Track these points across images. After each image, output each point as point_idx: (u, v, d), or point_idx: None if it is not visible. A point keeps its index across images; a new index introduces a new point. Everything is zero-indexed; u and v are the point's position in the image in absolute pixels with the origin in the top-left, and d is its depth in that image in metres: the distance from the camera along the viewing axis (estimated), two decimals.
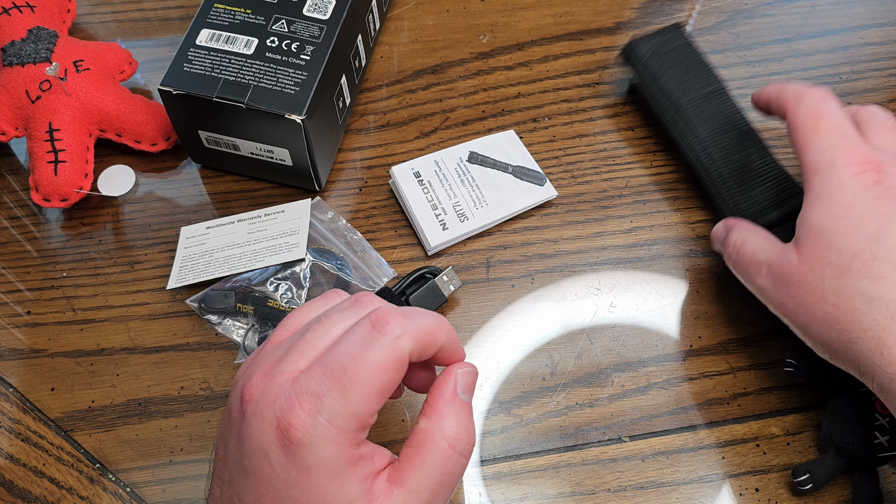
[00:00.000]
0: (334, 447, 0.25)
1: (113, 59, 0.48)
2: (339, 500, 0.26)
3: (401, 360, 0.27)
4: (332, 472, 0.26)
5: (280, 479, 0.26)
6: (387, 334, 0.27)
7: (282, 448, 0.26)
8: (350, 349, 0.26)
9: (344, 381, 0.26)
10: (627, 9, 0.55)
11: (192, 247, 0.44)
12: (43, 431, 0.40)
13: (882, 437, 0.36)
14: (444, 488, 0.28)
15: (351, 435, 0.26)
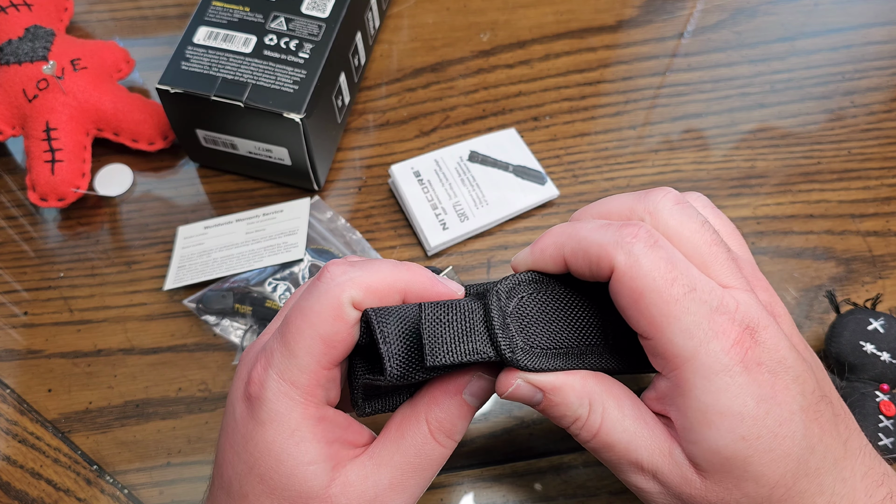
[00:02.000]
0: (287, 401, 0.25)
1: (110, 58, 0.48)
2: (295, 459, 0.25)
3: (336, 305, 0.25)
4: (287, 427, 0.25)
5: (240, 433, 0.26)
6: (324, 282, 0.26)
7: (244, 402, 0.26)
8: (295, 303, 0.27)
9: (287, 335, 0.26)
10: (629, 7, 0.54)
11: (190, 247, 0.44)
12: (40, 433, 0.39)
13: (886, 439, 0.36)
14: (416, 472, 0.26)
15: (305, 390, 0.25)
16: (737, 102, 0.50)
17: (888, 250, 0.45)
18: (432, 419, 0.27)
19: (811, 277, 0.44)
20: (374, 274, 0.26)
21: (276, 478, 0.25)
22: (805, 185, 0.47)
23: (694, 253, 0.26)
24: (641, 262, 0.24)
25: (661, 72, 0.51)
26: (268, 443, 0.25)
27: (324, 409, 0.26)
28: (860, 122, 0.49)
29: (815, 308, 0.43)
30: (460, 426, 0.27)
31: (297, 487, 0.25)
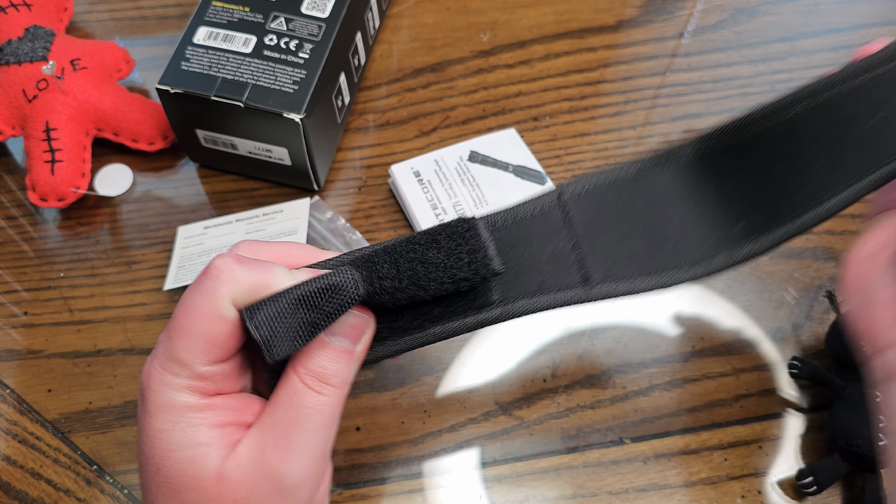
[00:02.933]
0: (168, 391, 0.25)
1: (110, 58, 0.48)
2: (183, 444, 0.25)
3: (220, 306, 0.25)
4: (172, 416, 0.25)
5: (140, 426, 0.26)
6: (208, 278, 0.26)
7: (140, 397, 0.27)
8: (182, 298, 0.27)
9: (171, 330, 0.26)
10: (629, 7, 0.54)
11: (190, 247, 0.44)
12: (40, 433, 0.39)
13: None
14: (297, 425, 0.25)
15: (186, 381, 0.25)
16: (737, 102, 0.50)
17: None
18: (300, 368, 0.26)
19: (811, 277, 0.44)
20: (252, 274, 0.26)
21: (166, 465, 0.25)
22: None
23: None
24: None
25: (661, 72, 0.51)
26: (157, 432, 0.25)
27: (214, 398, 0.26)
28: None
29: (815, 308, 0.43)
30: (332, 369, 0.26)
31: (190, 472, 0.25)
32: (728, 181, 0.30)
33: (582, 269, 0.30)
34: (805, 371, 0.39)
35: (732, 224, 0.30)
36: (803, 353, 0.41)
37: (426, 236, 0.27)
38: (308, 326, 0.26)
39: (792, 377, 0.39)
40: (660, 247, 0.30)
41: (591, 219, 0.30)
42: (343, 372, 0.27)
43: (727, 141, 0.30)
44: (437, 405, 0.40)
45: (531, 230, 0.30)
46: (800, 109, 0.29)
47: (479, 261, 0.27)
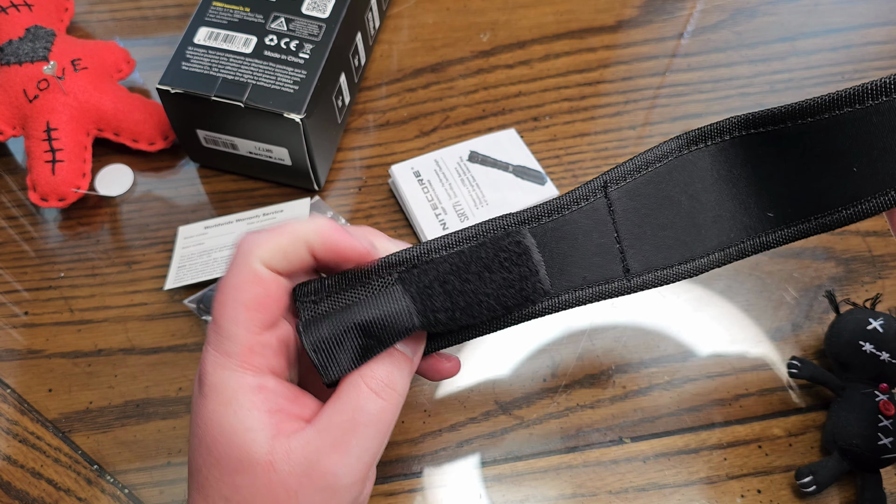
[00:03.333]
0: (222, 371, 0.26)
1: (111, 58, 0.48)
2: (233, 426, 0.26)
3: (250, 271, 0.26)
4: (224, 397, 0.26)
5: (193, 411, 0.27)
6: (235, 255, 0.27)
7: (197, 383, 0.28)
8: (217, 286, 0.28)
9: (214, 312, 0.27)
10: (629, 7, 0.54)
11: (190, 247, 0.44)
12: (40, 433, 0.39)
13: (886, 439, 0.36)
14: (356, 429, 0.26)
15: (238, 359, 0.26)
16: (736, 102, 0.50)
17: (888, 250, 0.45)
18: (367, 374, 0.27)
19: (811, 277, 0.44)
20: (275, 234, 0.27)
21: (218, 447, 0.26)
22: None
23: None
24: None
25: (660, 72, 0.51)
26: (209, 413, 0.26)
27: (263, 377, 0.27)
28: None
29: (814, 308, 0.43)
30: (397, 375, 0.27)
31: (238, 455, 0.26)
32: (763, 168, 0.30)
33: (623, 260, 0.30)
34: (804, 371, 0.39)
35: (763, 212, 0.30)
36: (803, 352, 0.41)
37: (478, 263, 0.28)
38: (363, 351, 0.27)
39: (791, 377, 0.39)
40: (695, 233, 0.30)
41: (633, 209, 0.30)
42: (406, 379, 0.28)
43: (770, 128, 0.30)
44: (437, 405, 0.40)
45: (576, 223, 0.30)
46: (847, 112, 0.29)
47: (530, 287, 0.27)
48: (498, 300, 0.27)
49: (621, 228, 0.30)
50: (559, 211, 0.29)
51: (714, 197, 0.30)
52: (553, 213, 0.29)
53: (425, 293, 0.27)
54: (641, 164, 0.30)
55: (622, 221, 0.30)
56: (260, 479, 0.26)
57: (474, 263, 0.28)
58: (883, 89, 0.27)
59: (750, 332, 0.42)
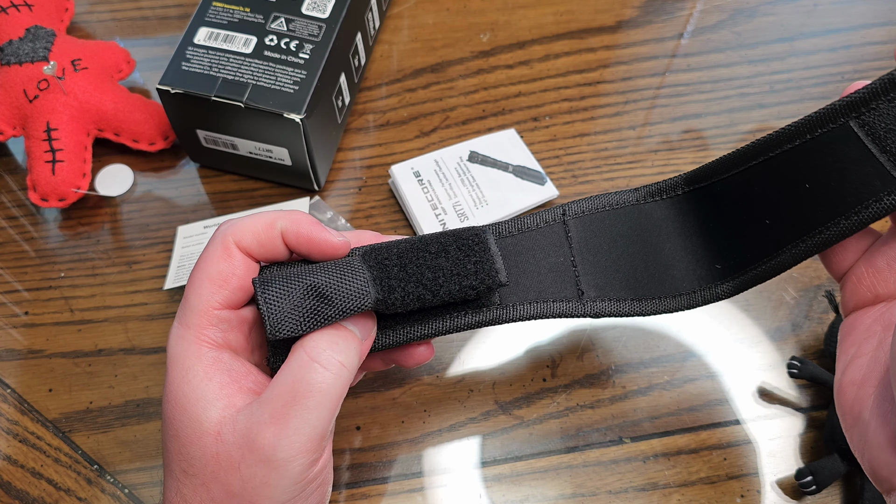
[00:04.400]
0: (182, 343, 0.27)
1: (111, 58, 0.48)
2: (187, 396, 0.26)
3: (220, 247, 0.28)
4: (182, 368, 0.27)
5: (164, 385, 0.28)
6: (214, 234, 0.29)
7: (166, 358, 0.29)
8: None
9: (186, 288, 0.28)
10: (629, 7, 0.54)
11: (190, 246, 0.44)
12: (41, 432, 0.40)
13: None
14: (297, 400, 0.25)
15: (197, 330, 0.27)
16: (736, 103, 0.50)
17: None
18: (309, 344, 0.27)
19: (810, 277, 0.44)
20: (252, 218, 0.29)
21: (175, 420, 0.27)
22: None
23: None
24: None
25: (660, 72, 0.51)
26: (169, 385, 0.27)
27: (219, 351, 0.27)
28: None
29: (814, 308, 0.43)
30: (342, 347, 0.27)
31: (191, 426, 0.26)
32: (710, 220, 0.32)
33: (578, 284, 0.31)
34: (804, 371, 0.39)
35: (712, 263, 0.32)
36: (802, 352, 0.42)
37: (436, 244, 0.29)
38: (315, 315, 0.26)
39: (791, 377, 0.39)
40: (649, 276, 0.32)
41: (589, 239, 0.32)
42: (351, 355, 0.27)
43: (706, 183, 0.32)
44: (437, 405, 0.40)
45: (535, 241, 0.31)
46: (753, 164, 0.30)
47: (485, 271, 0.28)
48: (453, 278, 0.28)
49: (577, 254, 0.32)
50: (520, 228, 0.31)
51: (669, 246, 0.32)
52: (514, 229, 0.31)
53: (383, 265, 0.28)
54: (600, 205, 0.32)
55: (578, 248, 0.32)
56: (209, 450, 0.26)
57: (433, 245, 0.29)
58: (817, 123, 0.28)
59: (750, 332, 0.42)
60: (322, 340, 0.27)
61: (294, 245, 0.29)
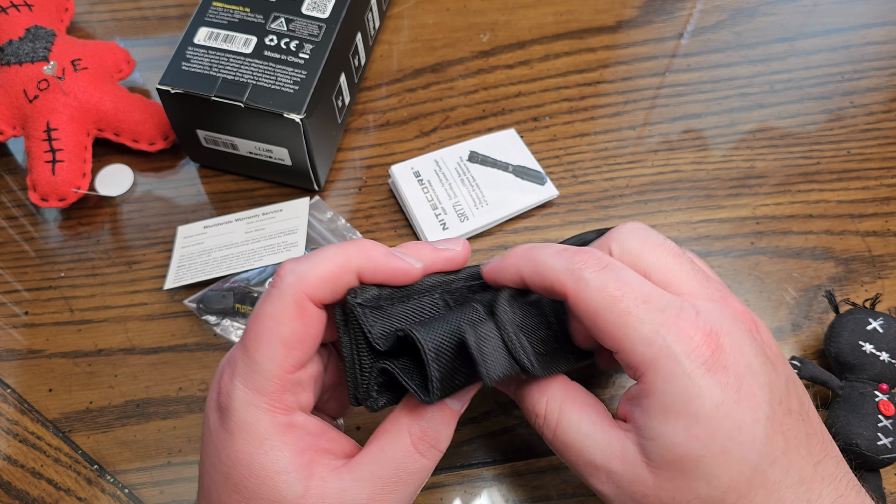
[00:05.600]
0: (253, 410, 0.25)
1: (111, 58, 0.48)
2: (266, 468, 0.25)
3: (293, 304, 0.26)
4: (255, 437, 0.25)
5: (214, 443, 0.26)
6: (277, 285, 0.26)
7: (216, 413, 0.26)
8: (253, 311, 0.27)
9: (247, 343, 0.26)
10: (629, 7, 0.54)
11: (190, 246, 0.44)
12: (41, 432, 0.40)
13: (886, 439, 0.36)
14: (396, 486, 0.26)
15: (271, 397, 0.25)
16: (736, 103, 0.50)
17: (887, 250, 0.45)
18: (415, 430, 0.26)
19: (810, 277, 0.44)
20: (322, 263, 0.26)
21: (249, 487, 0.25)
22: (804, 186, 0.47)
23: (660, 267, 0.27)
24: (591, 285, 0.25)
25: (660, 72, 0.51)
26: (238, 452, 0.25)
27: (294, 415, 0.26)
28: (859, 123, 0.49)
29: (814, 308, 0.43)
30: (444, 433, 0.27)
31: (271, 496, 0.25)
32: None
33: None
34: (804, 371, 0.39)
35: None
36: (803, 352, 0.42)
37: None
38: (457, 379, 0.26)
39: None
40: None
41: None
42: (448, 437, 0.27)
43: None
44: None
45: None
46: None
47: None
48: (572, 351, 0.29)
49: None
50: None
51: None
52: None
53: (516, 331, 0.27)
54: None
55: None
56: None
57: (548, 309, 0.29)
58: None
59: None
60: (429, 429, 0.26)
61: (369, 280, 0.27)
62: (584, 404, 0.28)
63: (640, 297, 0.25)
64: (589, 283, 0.25)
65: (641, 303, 0.25)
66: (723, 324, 0.25)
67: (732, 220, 0.46)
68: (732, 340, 0.25)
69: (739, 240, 0.45)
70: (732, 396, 0.24)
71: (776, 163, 0.48)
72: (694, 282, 0.27)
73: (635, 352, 0.25)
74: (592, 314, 0.25)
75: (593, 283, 0.25)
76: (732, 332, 0.25)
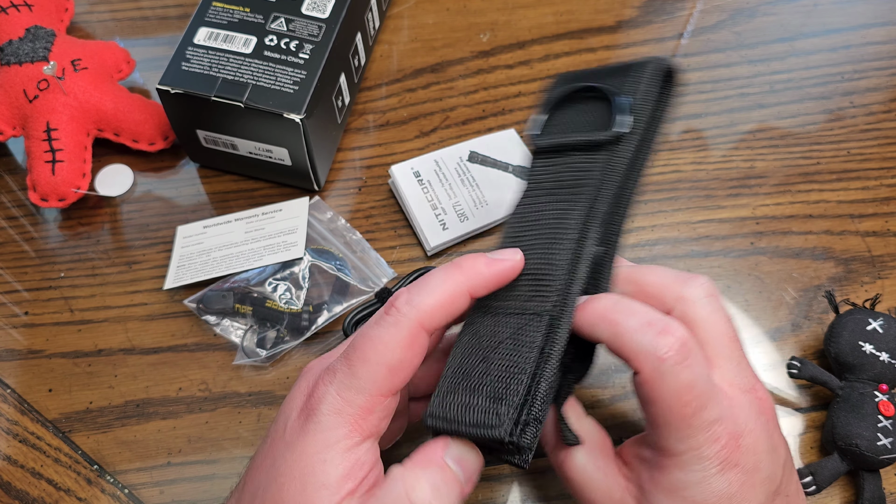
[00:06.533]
0: (336, 417, 0.26)
1: (111, 58, 0.48)
2: (315, 476, 0.26)
3: (407, 334, 0.27)
4: (325, 441, 0.26)
5: (285, 441, 0.27)
6: (391, 314, 0.27)
7: (300, 413, 0.27)
8: (362, 331, 0.28)
9: (352, 358, 0.27)
10: (629, 7, 0.54)
11: (189, 246, 0.44)
12: (41, 433, 0.40)
13: (885, 439, 0.36)
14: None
15: (358, 411, 0.26)
16: (736, 103, 0.50)
17: (887, 250, 0.45)
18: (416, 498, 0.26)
19: (810, 277, 0.44)
20: (435, 292, 0.27)
21: (289, 483, 0.26)
22: (804, 186, 0.47)
23: (716, 343, 0.29)
24: (667, 380, 0.26)
25: None
26: (304, 452, 0.26)
27: (364, 442, 0.27)
28: (859, 123, 0.49)
29: (814, 308, 0.43)
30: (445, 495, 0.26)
31: (301, 498, 0.25)
32: None
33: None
34: (804, 371, 0.39)
35: None
36: (802, 352, 0.42)
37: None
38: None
39: (791, 377, 0.39)
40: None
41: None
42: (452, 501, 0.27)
43: None
44: None
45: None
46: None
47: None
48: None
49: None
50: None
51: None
52: None
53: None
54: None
55: None
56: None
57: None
58: None
59: (749, 331, 0.42)
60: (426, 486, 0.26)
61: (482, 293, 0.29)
62: (594, 445, 0.30)
63: (701, 403, 0.26)
64: (665, 379, 0.26)
65: (699, 409, 0.26)
66: (748, 422, 0.27)
67: (732, 220, 0.46)
68: (751, 440, 0.27)
69: (739, 240, 0.45)
70: (736, 489, 0.27)
71: (776, 163, 0.48)
72: (735, 370, 0.29)
73: (669, 442, 0.27)
74: (655, 401, 0.27)
75: (670, 379, 0.26)
76: (754, 431, 0.27)
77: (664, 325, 0.27)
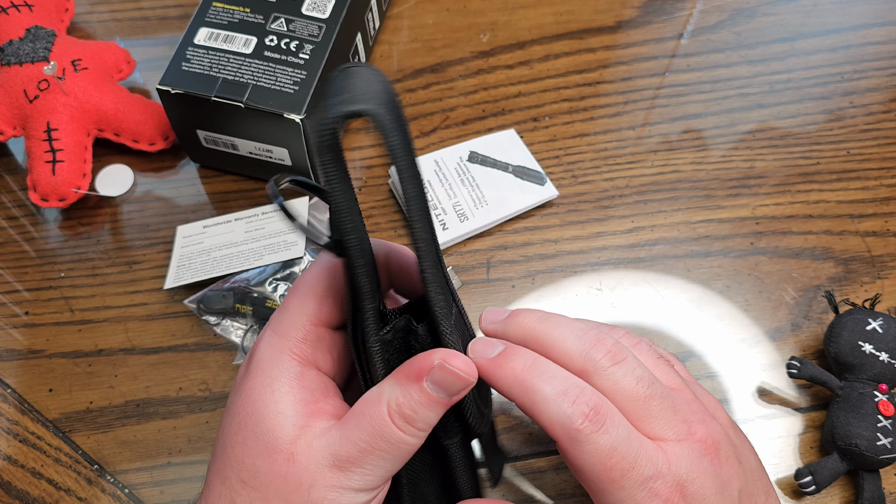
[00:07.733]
0: (272, 350, 0.27)
1: (111, 59, 0.48)
2: (267, 407, 0.26)
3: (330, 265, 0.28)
4: (267, 376, 0.27)
5: (235, 388, 0.28)
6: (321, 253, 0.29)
7: (245, 363, 0.28)
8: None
9: (286, 299, 0.28)
10: (629, 7, 0.54)
11: (189, 246, 0.44)
12: (41, 432, 0.40)
13: (885, 439, 0.36)
14: (375, 452, 0.26)
15: (292, 342, 0.27)
16: (736, 103, 0.50)
17: (887, 250, 0.45)
18: (392, 401, 0.26)
19: (810, 277, 0.44)
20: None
21: (248, 425, 0.26)
22: (804, 186, 0.47)
23: (633, 408, 0.28)
24: (586, 450, 0.26)
25: (660, 72, 0.51)
26: (248, 389, 0.27)
27: (306, 368, 0.27)
28: (859, 123, 0.49)
29: (813, 308, 0.43)
30: (422, 414, 0.26)
31: (264, 436, 0.26)
32: None
33: None
34: (804, 371, 0.39)
35: None
36: (802, 352, 0.42)
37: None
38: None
39: (791, 377, 0.39)
40: None
41: None
42: (429, 419, 0.27)
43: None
44: None
45: None
46: None
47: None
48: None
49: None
50: None
51: None
52: None
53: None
54: None
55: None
56: (278, 468, 0.26)
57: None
58: None
59: (749, 332, 0.42)
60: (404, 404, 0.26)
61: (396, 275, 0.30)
62: None
63: (628, 464, 0.26)
64: (585, 447, 0.26)
65: (628, 470, 0.26)
66: (689, 471, 0.27)
67: (732, 220, 0.46)
68: (697, 487, 0.27)
69: (739, 240, 0.45)
70: None
71: (776, 163, 0.48)
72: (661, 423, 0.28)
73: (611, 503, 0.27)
74: (581, 469, 0.26)
75: (589, 447, 0.26)
76: (697, 479, 0.27)
77: (577, 394, 0.26)
